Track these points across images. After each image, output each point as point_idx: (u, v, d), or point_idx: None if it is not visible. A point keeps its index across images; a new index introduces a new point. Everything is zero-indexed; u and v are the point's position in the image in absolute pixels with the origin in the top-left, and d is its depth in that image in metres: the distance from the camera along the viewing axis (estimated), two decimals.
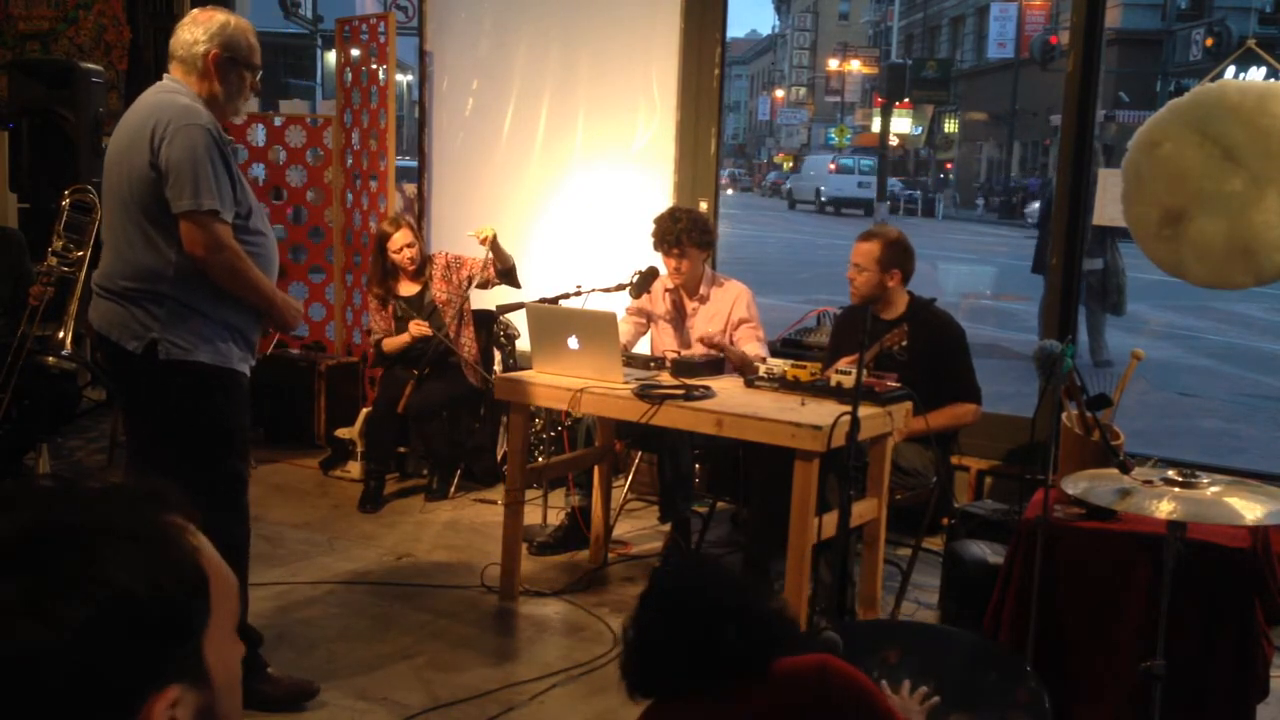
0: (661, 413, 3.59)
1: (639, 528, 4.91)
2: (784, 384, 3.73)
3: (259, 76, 3.17)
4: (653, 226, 4.48)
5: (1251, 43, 4.13)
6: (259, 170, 6.38)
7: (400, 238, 5.13)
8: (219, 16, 3.07)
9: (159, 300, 2.96)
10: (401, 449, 5.47)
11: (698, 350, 4.33)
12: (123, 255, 3.00)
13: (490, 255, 4.94)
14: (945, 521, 4.40)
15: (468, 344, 5.23)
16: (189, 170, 2.86)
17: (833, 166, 32.43)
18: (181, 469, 2.97)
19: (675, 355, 4.19)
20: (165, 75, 3.10)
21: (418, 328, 5.08)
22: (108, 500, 0.82)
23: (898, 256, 4.15)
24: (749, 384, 3.83)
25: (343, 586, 4.13)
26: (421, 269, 5.24)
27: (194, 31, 3.04)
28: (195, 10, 3.13)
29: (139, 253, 2.96)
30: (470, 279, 5.16)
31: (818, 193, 31.45)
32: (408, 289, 5.26)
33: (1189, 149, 3.32)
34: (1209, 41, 22.37)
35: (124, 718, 0.76)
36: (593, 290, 4.30)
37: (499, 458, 5.32)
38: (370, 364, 5.79)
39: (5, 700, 0.72)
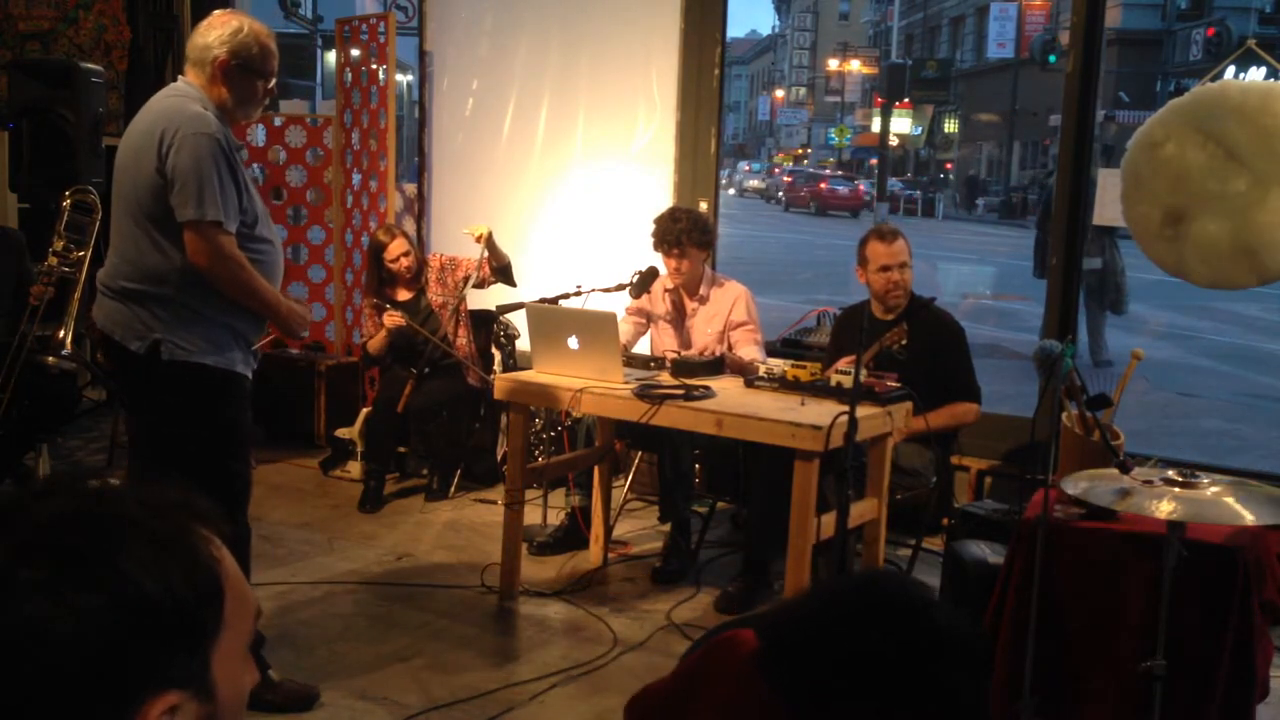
0: (661, 413, 3.59)
1: (639, 528, 4.91)
2: (784, 384, 3.73)
3: (274, 83, 3.13)
4: (653, 226, 4.48)
5: (1251, 43, 4.13)
6: (259, 170, 6.37)
7: (396, 247, 5.13)
8: (234, 22, 3.05)
9: (163, 302, 2.97)
10: (401, 449, 5.47)
11: (697, 350, 4.33)
12: (127, 257, 3.01)
13: (485, 253, 4.94)
14: (945, 521, 4.40)
15: (465, 344, 5.23)
16: (194, 180, 2.86)
17: (746, 168, 48.97)
18: (181, 469, 2.95)
19: (675, 355, 4.19)
20: (180, 77, 3.09)
21: (391, 319, 5.07)
22: (140, 501, 0.83)
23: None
24: (749, 384, 3.83)
25: (343, 586, 4.13)
26: (417, 275, 5.24)
27: (207, 36, 3.02)
28: (216, 12, 3.11)
29: (145, 255, 2.97)
30: (466, 279, 5.16)
31: (739, 183, 44.60)
32: (404, 295, 5.26)
33: (1191, 149, 3.31)
34: (1210, 31, 22.37)
35: (120, 713, 0.76)
36: (593, 290, 4.30)
37: (499, 458, 5.32)
38: (361, 368, 5.78)
39: (4, 674, 0.74)
